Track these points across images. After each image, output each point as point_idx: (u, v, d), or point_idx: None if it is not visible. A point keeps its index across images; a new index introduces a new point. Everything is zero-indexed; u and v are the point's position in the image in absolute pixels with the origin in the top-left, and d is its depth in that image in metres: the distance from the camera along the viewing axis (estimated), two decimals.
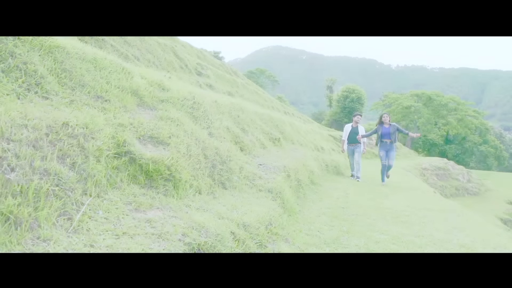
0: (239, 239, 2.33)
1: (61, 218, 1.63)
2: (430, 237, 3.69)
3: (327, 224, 3.89)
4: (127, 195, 2.11)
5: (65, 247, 1.46)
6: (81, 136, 2.00)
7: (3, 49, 2.13)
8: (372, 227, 3.93)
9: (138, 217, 1.95)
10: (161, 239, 1.74)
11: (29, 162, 1.61)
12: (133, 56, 7.02)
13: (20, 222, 1.45)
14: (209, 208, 2.55)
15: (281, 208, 3.60)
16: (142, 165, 2.33)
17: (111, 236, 1.67)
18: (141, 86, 3.28)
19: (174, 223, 1.96)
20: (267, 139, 5.99)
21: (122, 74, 3.21)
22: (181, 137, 2.90)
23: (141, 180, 2.30)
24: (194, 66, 11.03)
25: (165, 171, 2.41)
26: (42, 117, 1.84)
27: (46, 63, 2.41)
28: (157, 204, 2.18)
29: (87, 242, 1.56)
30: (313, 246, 3.10)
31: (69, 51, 2.70)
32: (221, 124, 4.29)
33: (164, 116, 3.07)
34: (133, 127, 2.63)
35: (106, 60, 3.11)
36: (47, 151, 1.74)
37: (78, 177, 1.85)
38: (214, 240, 1.98)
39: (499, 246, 3.67)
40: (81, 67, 2.74)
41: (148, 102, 3.22)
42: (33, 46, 2.37)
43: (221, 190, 3.16)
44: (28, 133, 1.68)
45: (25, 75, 2.17)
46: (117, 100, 2.86)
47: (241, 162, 3.95)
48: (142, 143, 2.58)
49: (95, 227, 1.70)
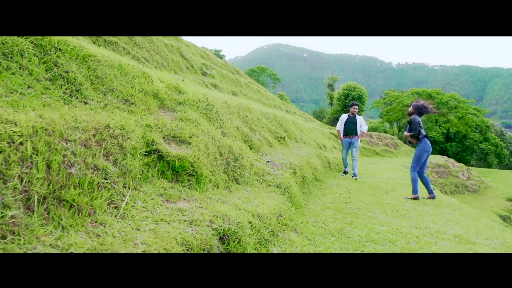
0: (255, 227, 2.62)
1: (110, 207, 1.93)
2: (427, 229, 3.98)
3: (331, 217, 4.18)
4: (158, 188, 2.41)
5: (118, 230, 1.75)
6: (120, 136, 2.29)
7: (49, 60, 2.42)
8: (373, 220, 4.22)
9: (170, 207, 2.24)
10: (192, 225, 2.03)
11: (83, 159, 1.90)
12: (144, 58, 7.30)
13: (81, 209, 1.74)
14: (227, 200, 2.85)
15: (289, 201, 3.89)
16: (169, 162, 2.62)
17: (151, 222, 1.96)
18: (161, 90, 3.57)
19: (201, 212, 2.25)
20: (273, 137, 6.27)
21: (143, 79, 3.50)
22: (200, 137, 3.19)
23: (169, 175, 2.60)
24: (200, 66, 11.31)
25: (189, 167, 2.71)
26: (88, 120, 2.13)
27: (82, 71, 2.70)
28: (184, 196, 2.47)
29: (134, 226, 1.86)
30: (319, 236, 3.39)
31: (99, 59, 2.98)
32: (231, 124, 4.57)
33: (184, 117, 3.36)
34: (158, 128, 2.92)
35: (129, 66, 3.39)
36: (95, 150, 2.03)
37: (119, 172, 2.15)
38: (235, 227, 2.27)
39: (491, 237, 3.96)
40: (110, 74, 3.03)
41: (168, 104, 3.51)
42: (71, 56, 2.65)
43: (235, 185, 3.45)
44: (80, 134, 1.97)
45: (67, 83, 2.46)
46: (141, 103, 3.14)
47: (251, 160, 4.24)
48: (167, 142, 2.87)
49: (137, 215, 2.00)
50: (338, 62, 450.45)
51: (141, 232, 1.81)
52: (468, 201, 18.03)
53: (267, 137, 5.82)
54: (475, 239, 3.75)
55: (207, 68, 11.78)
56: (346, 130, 8.03)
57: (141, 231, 1.82)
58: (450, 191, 19.99)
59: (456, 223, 4.49)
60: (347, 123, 8.05)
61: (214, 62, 16.75)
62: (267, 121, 6.84)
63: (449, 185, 20.78)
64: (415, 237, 3.60)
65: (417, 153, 6.11)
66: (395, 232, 3.74)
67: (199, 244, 1.86)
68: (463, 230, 4.13)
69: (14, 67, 2.11)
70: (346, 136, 8.04)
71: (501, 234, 4.29)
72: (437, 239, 3.61)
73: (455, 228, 4.20)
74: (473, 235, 3.97)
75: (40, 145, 1.68)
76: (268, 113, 7.54)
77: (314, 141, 10.80)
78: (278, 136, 6.56)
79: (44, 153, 1.68)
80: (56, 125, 1.83)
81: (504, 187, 25.85)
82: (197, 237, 1.89)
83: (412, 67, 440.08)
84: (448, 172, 22.29)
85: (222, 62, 20.20)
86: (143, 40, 8.37)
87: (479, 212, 7.16)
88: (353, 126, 8.02)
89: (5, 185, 1.46)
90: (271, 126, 6.72)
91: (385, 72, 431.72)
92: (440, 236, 3.72)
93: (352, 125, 8.02)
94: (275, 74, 60.75)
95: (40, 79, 2.26)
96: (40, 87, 2.20)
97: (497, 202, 20.29)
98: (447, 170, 22.33)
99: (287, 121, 8.80)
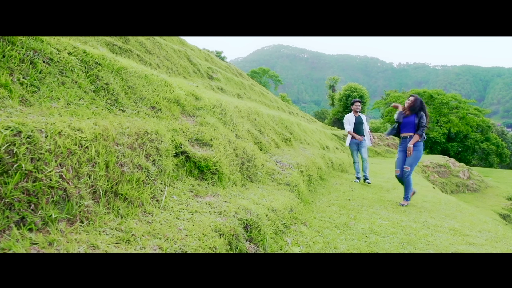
0: (271, 219, 2.97)
1: (153, 200, 2.28)
2: (425, 223, 4.33)
3: (336, 213, 4.52)
4: (187, 185, 2.76)
5: (163, 219, 2.11)
6: (156, 140, 2.65)
7: (92, 74, 2.78)
8: (375, 215, 4.56)
9: (200, 200, 2.59)
10: (221, 216, 2.39)
11: (131, 160, 2.26)
12: (155, 64, 7.66)
13: (133, 201, 2.10)
14: (244, 196, 3.20)
15: (298, 198, 4.24)
16: (195, 162, 2.98)
17: (187, 213, 2.32)
18: (182, 97, 3.93)
19: (226, 205, 2.60)
20: (280, 139, 6.63)
21: (166, 87, 3.86)
22: (219, 139, 3.54)
23: (195, 174, 2.95)
24: (206, 70, 11.68)
25: (212, 167, 3.06)
26: (130, 126, 2.49)
27: (117, 82, 3.06)
28: (210, 192, 2.83)
29: (174, 216, 2.21)
30: (326, 228, 3.74)
31: (130, 71, 3.34)
32: (243, 127, 4.93)
33: (203, 122, 3.72)
34: (182, 132, 3.28)
35: (154, 76, 3.75)
36: (138, 152, 2.39)
37: (157, 171, 2.50)
38: (256, 218, 2.62)
39: (484, 230, 4.30)
40: (139, 83, 3.39)
41: (188, 110, 3.87)
42: (108, 69, 3.02)
43: (249, 183, 3.80)
44: (126, 139, 2.33)
45: (108, 93, 2.82)
46: (166, 109, 3.50)
47: (262, 160, 4.59)
48: (191, 145, 3.22)
49: (175, 207, 2.35)
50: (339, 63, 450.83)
51: (181, 221, 2.16)
52: (468, 200, 18.33)
53: (274, 138, 6.18)
54: (468, 232, 4.09)
55: (213, 72, 12.15)
56: (354, 131, 7.44)
57: (181, 220, 2.17)
58: (450, 190, 20.31)
59: (452, 218, 4.84)
60: (356, 124, 7.43)
61: (218, 65, 17.13)
62: (273, 123, 7.20)
63: (450, 184, 21.10)
64: (413, 230, 3.95)
65: (418, 155, 5.28)
66: (395, 226, 4.08)
67: (229, 231, 2.21)
68: (458, 224, 4.47)
69: (67, 82, 2.47)
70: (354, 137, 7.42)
71: (494, 228, 4.62)
72: (434, 231, 3.96)
73: (451, 222, 4.54)
74: (467, 228, 4.31)
75: (100, 148, 2.04)
76: (274, 115, 7.90)
77: (318, 142, 11.15)
78: (284, 137, 6.92)
79: (103, 154, 2.04)
80: (108, 131, 2.19)
81: (504, 187, 26.13)
82: (227, 225, 2.25)
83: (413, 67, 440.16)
84: (449, 171, 22.61)
85: (225, 64, 20.58)
86: (153, 46, 8.74)
87: (475, 209, 7.48)
88: (360, 127, 7.47)
89: (79, 180, 1.82)
90: (277, 128, 7.08)
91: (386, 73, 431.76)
92: (437, 229, 4.07)
93: (360, 125, 7.46)
94: (276, 76, 61.15)
95: (87, 91, 2.62)
96: (88, 98, 2.56)
97: (497, 201, 20.58)
98: (448, 170, 22.64)
99: (291, 123, 9.16)
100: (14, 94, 1.98)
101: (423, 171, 20.19)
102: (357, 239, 3.46)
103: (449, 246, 3.40)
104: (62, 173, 1.72)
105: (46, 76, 2.31)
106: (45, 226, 1.55)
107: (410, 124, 5.29)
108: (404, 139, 5.41)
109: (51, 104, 2.16)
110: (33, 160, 1.61)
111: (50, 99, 2.21)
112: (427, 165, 21.72)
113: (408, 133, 5.34)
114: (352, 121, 7.48)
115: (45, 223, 1.55)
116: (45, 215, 1.57)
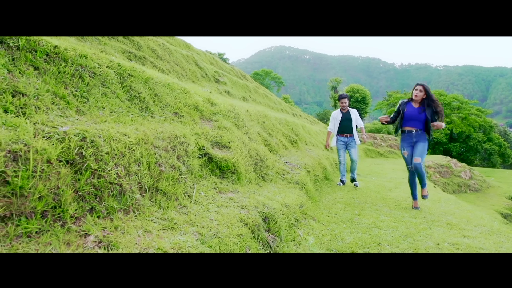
0: (284, 214, 3.31)
1: (185, 195, 2.63)
2: (424, 218, 4.66)
3: (342, 209, 4.86)
4: (211, 183, 3.11)
5: (196, 211, 2.46)
6: (184, 143, 3.00)
7: (126, 85, 3.14)
8: (378, 212, 4.90)
9: (223, 196, 2.94)
10: (244, 209, 2.73)
11: (166, 160, 2.62)
12: (167, 70, 8.03)
13: (170, 196, 2.45)
14: (260, 193, 3.54)
15: (306, 196, 4.58)
16: (217, 163, 3.33)
17: (214, 206, 2.66)
18: (200, 103, 4.28)
19: (247, 200, 2.95)
20: (287, 141, 6.98)
21: (185, 94, 4.22)
22: (235, 142, 3.89)
23: (217, 173, 3.30)
24: (213, 74, 12.05)
25: (232, 166, 3.41)
26: (164, 131, 2.84)
27: (146, 91, 3.42)
28: (230, 189, 3.17)
29: (204, 209, 2.56)
30: (333, 223, 4.08)
31: (155, 80, 3.70)
32: (254, 130, 5.28)
33: (220, 126, 4.07)
34: (203, 135, 3.63)
35: (174, 84, 4.11)
36: (171, 153, 2.74)
37: (187, 170, 2.86)
38: (272, 211, 2.97)
39: (479, 225, 4.62)
40: (163, 91, 3.75)
41: (206, 115, 4.22)
42: (139, 80, 3.37)
43: (262, 181, 4.15)
44: (161, 142, 2.68)
45: (140, 102, 3.18)
46: (187, 115, 3.86)
47: (272, 161, 4.94)
48: (212, 147, 3.57)
49: (203, 201, 2.70)
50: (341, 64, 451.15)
51: (211, 213, 2.51)
52: (470, 199, 18.61)
53: (282, 140, 6.53)
54: (464, 226, 4.42)
55: (219, 75, 12.53)
56: (341, 128, 6.87)
57: (210, 212, 2.52)
58: (452, 190, 20.59)
59: (450, 214, 5.16)
60: (342, 121, 6.87)
61: (223, 68, 17.52)
62: (280, 126, 7.55)
63: (452, 184, 21.38)
64: (413, 224, 4.28)
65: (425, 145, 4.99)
66: (396, 221, 4.41)
67: (251, 222, 2.56)
68: (455, 219, 4.80)
69: (108, 93, 2.83)
70: (342, 134, 6.89)
71: (489, 223, 4.95)
72: (432, 226, 4.29)
73: (449, 218, 4.87)
74: (464, 223, 4.63)
75: (143, 150, 2.39)
76: (280, 118, 8.25)
77: (322, 144, 11.49)
78: (291, 140, 7.27)
79: (145, 156, 2.39)
80: (147, 135, 2.55)
81: (506, 186, 26.37)
82: (249, 217, 2.59)
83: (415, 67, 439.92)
84: (451, 172, 22.89)
85: (229, 67, 20.97)
86: (164, 52, 9.11)
87: (474, 207, 7.79)
88: (348, 123, 6.85)
89: (130, 178, 2.17)
90: (284, 131, 7.44)
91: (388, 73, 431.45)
92: (435, 224, 4.40)
93: (348, 122, 6.85)
94: (279, 77, 61.58)
95: (123, 100, 2.98)
96: (125, 107, 2.92)
97: (499, 201, 20.84)
98: (450, 170, 22.92)
99: (297, 125, 9.50)
100: (71, 105, 2.34)
101: (425, 171, 20.49)
102: (362, 232, 3.79)
103: (445, 238, 3.73)
104: (118, 171, 2.07)
105: (92, 88, 2.67)
106: (108, 214, 1.90)
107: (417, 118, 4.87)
108: (410, 133, 4.98)
109: (98, 112, 2.52)
110: (97, 161, 1.97)
111: (97, 109, 2.56)
112: (429, 166, 22.00)
113: (413, 128, 4.95)
114: (337, 118, 6.94)
115: (108, 212, 1.91)
116: (108, 206, 1.92)
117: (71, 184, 1.78)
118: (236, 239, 2.23)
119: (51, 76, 2.38)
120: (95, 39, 5.88)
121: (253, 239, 2.45)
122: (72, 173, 1.81)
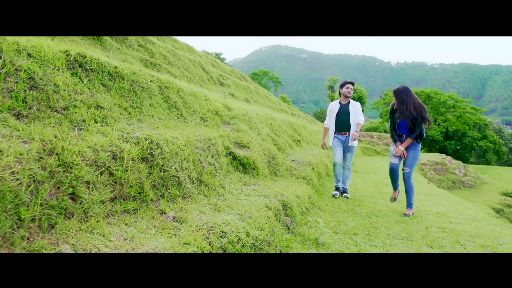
0: (297, 203, 3.93)
1: (220, 187, 3.24)
2: (416, 209, 5.28)
3: (343, 202, 5.48)
4: (236, 177, 3.72)
5: (230, 199, 3.07)
6: (215, 144, 3.61)
7: (164, 96, 3.74)
8: (376, 203, 5.53)
9: (248, 188, 3.56)
10: (267, 197, 3.34)
11: (205, 158, 3.23)
12: (178, 75, 8.62)
13: (210, 187, 3.06)
14: (275, 185, 4.16)
15: (313, 189, 5.20)
16: (240, 160, 3.94)
17: (243, 195, 3.27)
18: (219, 108, 4.89)
19: (267, 191, 3.57)
20: (292, 141, 7.61)
21: (206, 101, 4.82)
22: (253, 142, 4.51)
23: (240, 169, 3.92)
24: (217, 77, 12.66)
25: (252, 163, 4.03)
26: (200, 134, 3.45)
27: (179, 100, 4.02)
28: (253, 182, 3.79)
29: (236, 197, 3.17)
30: (336, 212, 4.70)
31: (184, 90, 4.30)
32: (264, 131, 5.90)
33: (239, 128, 4.68)
34: (227, 137, 4.24)
35: (198, 92, 4.72)
36: (207, 153, 3.35)
37: (219, 166, 3.47)
38: (289, 200, 3.58)
39: (465, 214, 5.26)
40: (190, 99, 4.35)
41: (225, 119, 4.83)
42: (173, 90, 3.97)
43: (275, 176, 4.76)
44: (200, 144, 3.29)
45: (176, 109, 3.78)
46: (211, 119, 4.46)
47: (281, 159, 5.55)
48: (234, 147, 4.18)
49: (234, 192, 3.31)
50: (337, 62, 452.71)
51: (242, 200, 3.12)
52: (464, 195, 19.33)
53: (288, 140, 7.16)
54: (452, 215, 5.06)
55: (223, 78, 13.13)
56: (337, 124, 5.59)
57: (241, 200, 3.13)
58: (447, 186, 21.32)
59: (440, 205, 5.81)
60: (339, 114, 5.56)
61: (224, 70, 18.13)
62: (285, 127, 8.18)
63: (446, 181, 22.13)
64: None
65: (417, 155, 4.84)
66: (392, 211, 5.04)
67: (274, 207, 3.17)
68: (444, 209, 5.44)
69: (154, 103, 3.43)
70: (340, 132, 5.61)
71: (474, 212, 5.59)
72: (423, 214, 4.92)
73: (438, 208, 5.51)
74: (451, 212, 5.27)
75: (189, 150, 3.00)
76: (284, 120, 8.88)
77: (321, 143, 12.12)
78: (295, 139, 7.90)
79: (191, 155, 3.00)
80: (190, 138, 3.16)
81: (500, 183, 27.18)
82: (272, 203, 3.21)
83: (411, 66, 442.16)
84: (446, 169, 23.65)
85: (230, 69, 21.57)
86: (174, 58, 9.70)
87: (463, 200, 8.45)
88: (345, 118, 5.53)
89: (183, 172, 2.78)
90: (289, 131, 8.06)
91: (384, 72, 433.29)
92: (426, 213, 5.03)
93: (345, 116, 5.53)
94: (277, 77, 62.25)
95: (164, 109, 3.58)
96: (166, 114, 3.53)
97: (492, 196, 21.61)
98: (445, 167, 23.68)
99: (299, 125, 10.13)
100: (132, 115, 2.94)
101: (420, 169, 21.20)
102: (362, 219, 4.42)
103: (433, 223, 4.36)
104: (176, 167, 2.68)
105: (143, 100, 3.28)
106: (172, 199, 2.51)
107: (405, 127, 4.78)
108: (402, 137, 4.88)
109: (151, 120, 3.13)
110: (162, 159, 2.58)
111: (149, 117, 3.17)
112: (425, 163, 22.74)
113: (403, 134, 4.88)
114: (334, 110, 5.62)
115: (172, 198, 2.52)
116: (172, 193, 2.53)
117: (148, 176, 2.39)
118: (265, 219, 2.84)
119: (114, 91, 2.99)
120: (116, 49, 6.47)
121: (277, 221, 3.07)
122: (147, 168, 2.42)
